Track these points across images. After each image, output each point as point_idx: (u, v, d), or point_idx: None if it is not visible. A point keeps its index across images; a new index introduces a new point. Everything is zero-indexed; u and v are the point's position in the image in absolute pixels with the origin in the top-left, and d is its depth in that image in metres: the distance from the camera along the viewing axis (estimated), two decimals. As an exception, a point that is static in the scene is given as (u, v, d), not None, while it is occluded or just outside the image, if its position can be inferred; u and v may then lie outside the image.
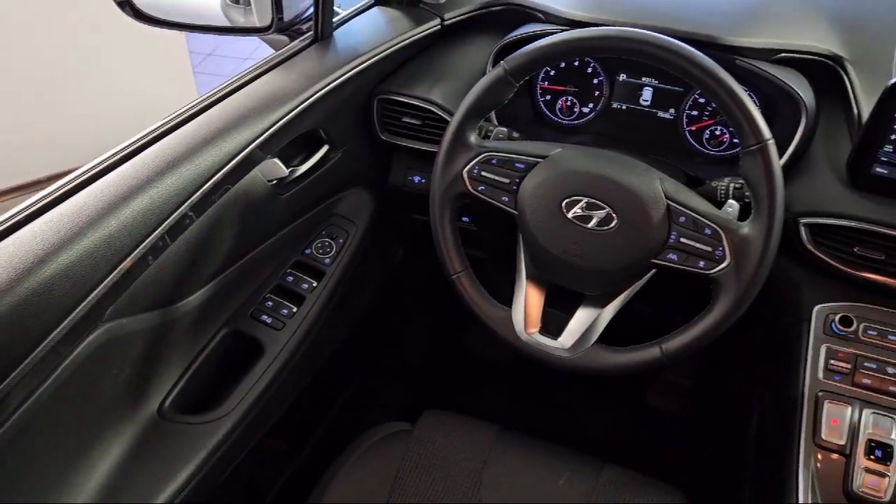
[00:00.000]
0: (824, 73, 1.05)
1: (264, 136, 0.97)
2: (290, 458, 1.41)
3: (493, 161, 0.95)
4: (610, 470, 1.11)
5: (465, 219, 1.30)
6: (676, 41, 0.84)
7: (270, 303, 1.12)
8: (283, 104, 1.01)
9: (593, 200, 0.89)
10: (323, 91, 1.06)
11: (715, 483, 1.44)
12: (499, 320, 0.97)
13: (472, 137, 0.96)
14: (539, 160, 0.93)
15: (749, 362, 1.39)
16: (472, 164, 0.95)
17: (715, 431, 1.60)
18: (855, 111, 1.00)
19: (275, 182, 1.06)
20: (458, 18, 1.25)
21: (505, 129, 1.06)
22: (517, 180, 0.94)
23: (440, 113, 1.16)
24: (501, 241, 1.13)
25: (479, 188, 0.95)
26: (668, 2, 1.17)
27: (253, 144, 0.96)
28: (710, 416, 1.66)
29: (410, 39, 1.20)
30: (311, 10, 1.13)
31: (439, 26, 1.24)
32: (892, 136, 0.92)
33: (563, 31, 0.91)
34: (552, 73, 1.23)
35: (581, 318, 0.95)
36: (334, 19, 1.17)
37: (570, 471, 1.11)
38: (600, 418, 1.73)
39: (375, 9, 1.27)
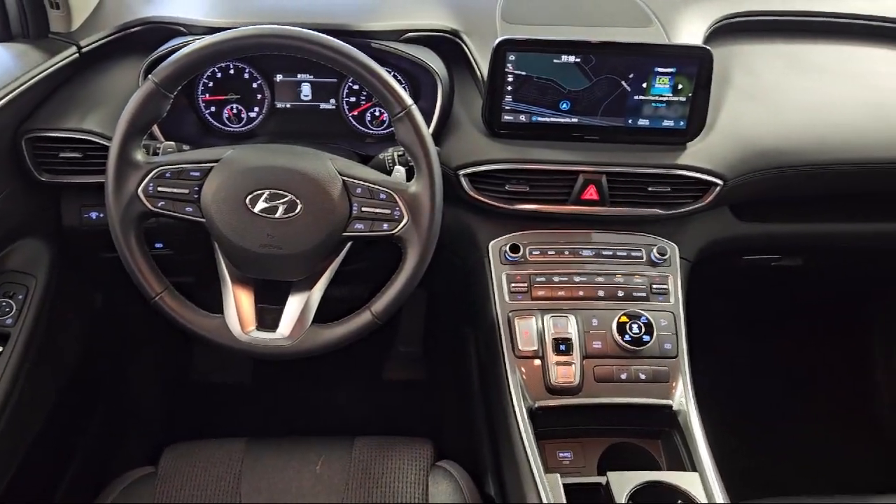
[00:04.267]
0: (448, 46, 1.21)
1: None
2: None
3: (167, 175, 0.94)
4: (361, 441, 1.17)
5: (158, 245, 1.26)
6: (310, 31, 0.91)
7: None
8: None
9: (274, 191, 0.93)
10: None
11: (457, 426, 1.58)
12: (213, 328, 0.97)
13: (139, 156, 0.94)
14: (213, 164, 0.94)
15: (458, 308, 1.55)
16: (145, 182, 0.93)
17: (450, 382, 1.75)
18: (479, 74, 1.17)
19: (-82, 249, 0.93)
20: (96, 44, 1.20)
21: (173, 143, 1.05)
22: (196, 188, 0.94)
23: (100, 141, 1.11)
24: (202, 257, 1.12)
25: (159, 204, 0.94)
26: None
27: None
28: (443, 371, 1.82)
29: (46, 72, 1.13)
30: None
31: (77, 54, 1.18)
32: (509, 89, 1.10)
33: None
34: (210, 84, 1.24)
35: (293, 305, 0.99)
36: (-52, 63, 1.05)
37: (324, 455, 1.15)
38: (346, 403, 1.80)
39: (-2, 46, 1.16)
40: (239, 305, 0.98)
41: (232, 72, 1.24)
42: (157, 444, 1.18)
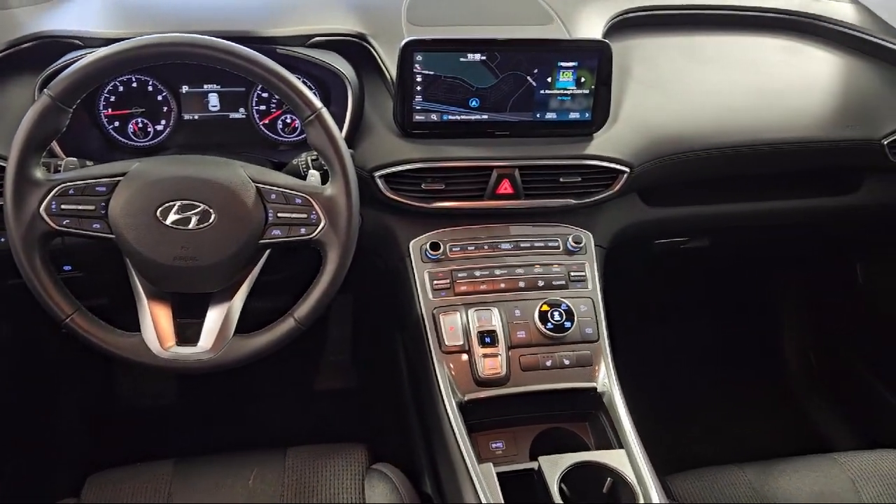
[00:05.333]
0: (356, 49, 1.22)
1: None
2: None
3: (70, 192, 0.91)
4: (294, 451, 1.16)
5: (66, 268, 1.22)
6: (213, 38, 0.90)
7: None
8: None
9: (186, 202, 0.91)
10: None
11: (391, 429, 1.58)
12: (130, 347, 0.94)
13: (39, 173, 0.91)
14: (119, 178, 0.92)
15: (384, 311, 1.56)
16: (47, 200, 0.90)
17: (382, 386, 1.75)
18: (388, 76, 1.18)
19: None
20: None
21: (75, 160, 1.02)
22: (103, 204, 0.91)
23: None
24: (114, 276, 1.08)
25: (64, 223, 0.91)
26: (200, 5, 1.23)
27: None
28: (375, 376, 1.81)
29: None
30: None
31: None
32: (418, 89, 1.11)
33: None
34: (113, 98, 1.21)
35: (214, 317, 0.97)
36: None
37: (256, 468, 1.13)
38: (278, 417, 1.77)
39: None
40: (156, 321, 0.95)
41: (135, 85, 1.21)
42: (83, 473, 1.13)
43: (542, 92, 1.13)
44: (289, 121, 1.26)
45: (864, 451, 1.22)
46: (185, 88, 1.22)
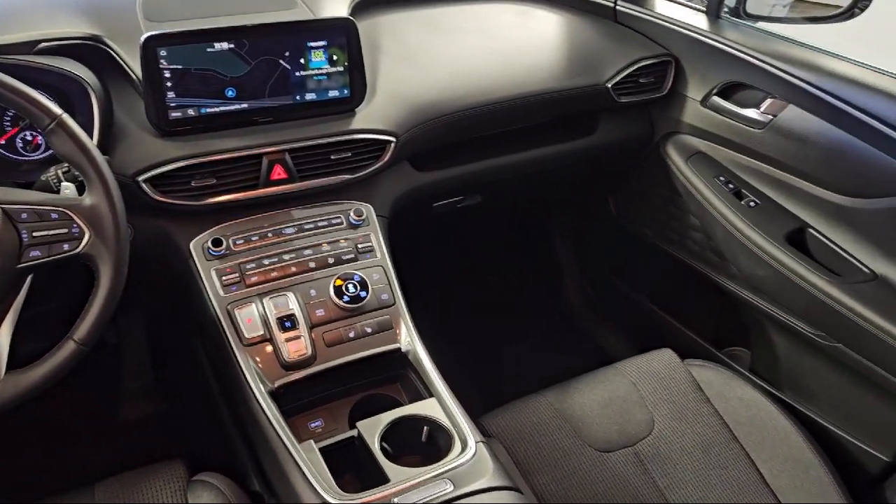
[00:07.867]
0: (94, 53, 1.15)
1: None
2: None
3: None
4: (103, 486, 1.09)
5: None
6: None
7: None
8: None
9: None
10: None
11: (209, 438, 1.53)
12: None
13: None
14: None
15: (180, 321, 1.49)
16: None
17: (191, 400, 1.68)
18: (134, 76, 1.13)
19: None
20: None
21: None
22: None
23: None
24: None
25: None
26: None
27: None
28: (183, 390, 1.74)
29: None
30: None
31: None
32: (168, 85, 1.08)
33: None
34: None
35: (-21, 358, 0.88)
36: None
37: None
38: (81, 459, 1.63)
39: None
40: None
41: None
42: None
43: (297, 74, 1.15)
44: (29, 137, 1.16)
45: (638, 356, 1.40)
46: None
